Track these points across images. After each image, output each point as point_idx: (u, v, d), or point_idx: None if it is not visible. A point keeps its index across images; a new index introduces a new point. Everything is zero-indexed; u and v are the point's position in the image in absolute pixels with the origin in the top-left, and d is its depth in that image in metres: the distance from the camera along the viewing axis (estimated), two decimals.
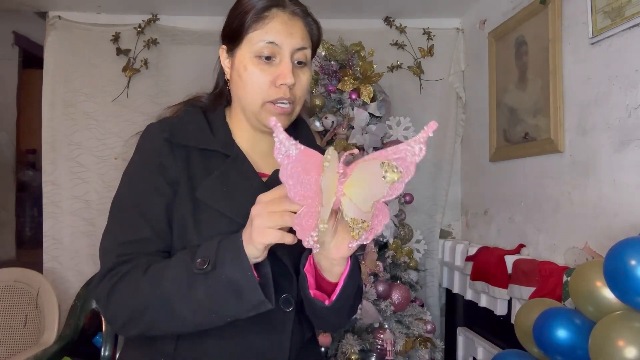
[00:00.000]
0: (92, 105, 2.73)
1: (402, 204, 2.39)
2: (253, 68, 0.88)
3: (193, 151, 0.89)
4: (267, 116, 0.87)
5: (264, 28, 0.87)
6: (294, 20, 0.90)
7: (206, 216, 0.85)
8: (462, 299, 2.58)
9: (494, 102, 2.45)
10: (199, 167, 0.88)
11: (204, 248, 0.77)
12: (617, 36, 1.63)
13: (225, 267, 0.73)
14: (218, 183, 0.87)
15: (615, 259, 1.24)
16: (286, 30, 0.88)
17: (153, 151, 0.88)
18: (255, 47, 0.87)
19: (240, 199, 0.85)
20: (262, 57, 0.87)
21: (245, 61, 0.89)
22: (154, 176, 0.86)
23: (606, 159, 1.68)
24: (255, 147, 0.96)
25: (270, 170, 0.94)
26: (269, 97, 0.88)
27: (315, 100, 2.32)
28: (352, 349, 1.96)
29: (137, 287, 0.78)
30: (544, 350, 1.44)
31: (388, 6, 2.74)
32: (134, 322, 0.80)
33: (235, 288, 0.73)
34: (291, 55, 0.88)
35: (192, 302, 0.75)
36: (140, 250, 0.84)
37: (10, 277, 2.36)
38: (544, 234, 2.04)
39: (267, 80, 0.87)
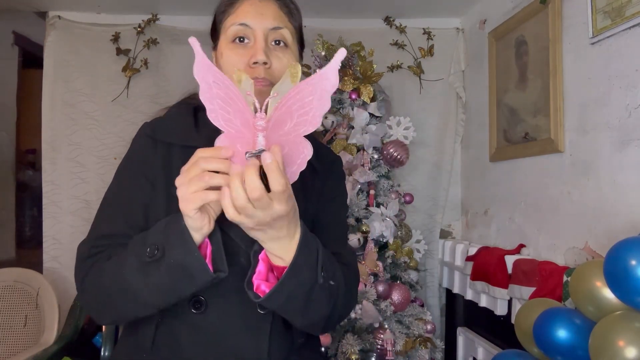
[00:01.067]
0: (92, 105, 2.73)
1: (402, 204, 2.39)
2: (228, 52, 0.88)
3: (175, 148, 0.89)
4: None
5: (235, 12, 0.88)
6: (265, 1, 0.89)
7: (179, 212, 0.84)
8: (462, 299, 2.58)
9: (494, 102, 2.44)
10: (179, 164, 0.85)
11: (154, 232, 0.77)
12: (617, 36, 1.63)
13: (173, 252, 0.73)
14: None
15: (616, 259, 1.24)
16: (256, 10, 0.88)
17: (137, 149, 0.91)
18: (228, 32, 0.88)
19: None
20: (236, 41, 0.88)
21: (222, 48, 0.90)
22: (136, 174, 0.89)
23: (606, 158, 1.68)
24: None
25: None
26: None
27: None
28: (352, 348, 1.96)
29: (101, 276, 0.81)
30: (544, 351, 1.44)
31: (388, 6, 2.74)
32: (104, 311, 0.83)
33: (185, 271, 0.73)
34: (265, 36, 0.87)
35: (150, 287, 0.76)
36: (112, 243, 0.85)
37: (10, 277, 2.36)
38: (544, 234, 2.03)
39: (243, 62, 0.87)
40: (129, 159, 0.92)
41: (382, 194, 2.28)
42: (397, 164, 2.32)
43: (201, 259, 0.73)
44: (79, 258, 0.87)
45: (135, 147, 0.92)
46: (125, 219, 0.87)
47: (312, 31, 2.66)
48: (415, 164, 2.80)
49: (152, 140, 0.89)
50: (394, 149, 2.28)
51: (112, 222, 0.87)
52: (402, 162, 2.31)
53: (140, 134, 0.92)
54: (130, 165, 0.91)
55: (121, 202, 0.88)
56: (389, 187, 2.29)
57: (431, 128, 2.88)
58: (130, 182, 0.89)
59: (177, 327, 0.84)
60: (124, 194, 0.89)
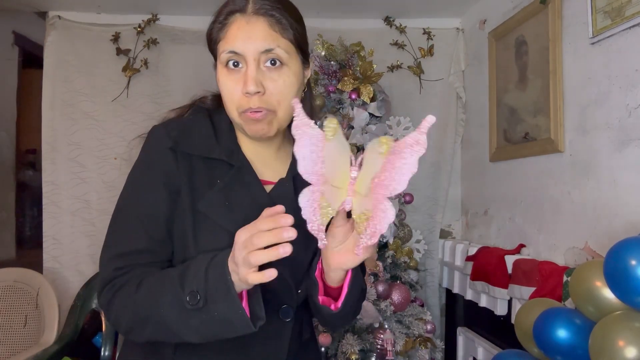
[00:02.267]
0: (92, 105, 2.73)
1: (402, 203, 2.39)
2: (224, 79, 0.85)
3: (197, 160, 0.86)
4: (247, 126, 0.85)
5: (225, 38, 0.84)
6: (254, 21, 0.83)
7: (206, 229, 0.84)
8: (462, 299, 2.58)
9: (494, 102, 2.44)
10: (202, 177, 0.86)
11: (192, 276, 0.75)
12: (617, 36, 1.63)
13: (216, 305, 0.73)
14: (221, 195, 0.85)
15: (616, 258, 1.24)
16: (244, 35, 0.82)
17: (157, 159, 0.86)
18: (221, 57, 0.85)
19: (242, 212, 0.84)
20: (230, 66, 0.84)
21: (219, 73, 0.86)
22: (157, 186, 0.85)
23: (606, 158, 1.68)
24: (258, 155, 0.92)
25: (276, 179, 0.91)
26: (241, 107, 0.84)
27: (315, 100, 2.32)
28: (352, 349, 1.96)
29: (134, 305, 0.79)
30: (544, 351, 1.44)
31: (388, 6, 2.74)
32: (135, 333, 0.81)
33: (227, 323, 0.74)
34: (256, 60, 0.82)
35: (189, 328, 0.76)
36: (137, 261, 0.83)
37: (10, 277, 2.36)
38: (544, 234, 2.03)
39: (239, 90, 0.83)
40: (148, 169, 0.87)
41: None
42: None
43: (245, 316, 0.73)
44: (104, 279, 0.84)
45: (154, 156, 0.87)
46: (148, 234, 0.84)
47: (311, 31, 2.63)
48: None
49: (172, 151, 0.85)
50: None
51: (135, 238, 0.84)
52: None
53: (158, 143, 0.86)
54: (148, 177, 0.86)
55: (142, 215, 0.84)
56: None
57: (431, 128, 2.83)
58: (151, 194, 0.85)
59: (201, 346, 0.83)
60: (145, 206, 0.85)
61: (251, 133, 0.86)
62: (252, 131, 0.86)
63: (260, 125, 0.84)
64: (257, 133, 0.86)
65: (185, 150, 0.86)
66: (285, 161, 0.94)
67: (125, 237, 0.85)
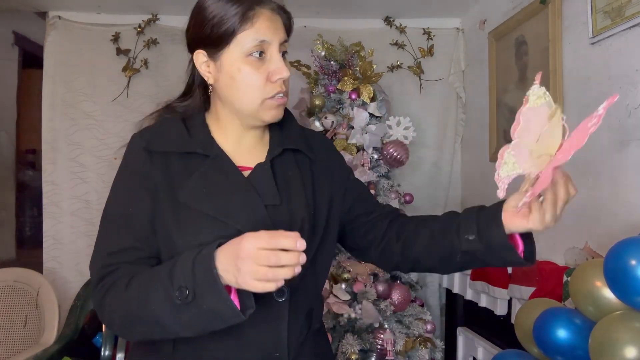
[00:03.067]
0: (92, 105, 2.73)
1: (402, 203, 2.39)
2: (248, 68, 0.88)
3: (172, 156, 0.90)
4: (267, 112, 0.91)
5: (252, 27, 0.87)
6: (275, 15, 0.90)
7: (188, 217, 0.87)
8: (462, 299, 2.58)
9: (494, 102, 2.44)
10: (179, 170, 0.89)
11: (180, 272, 0.76)
12: (617, 36, 1.63)
13: (205, 299, 0.75)
14: (198, 184, 0.88)
15: (616, 258, 1.24)
16: (273, 25, 0.89)
17: (132, 162, 0.91)
18: (246, 47, 0.87)
19: (222, 197, 0.88)
20: (254, 56, 0.88)
21: (238, 63, 0.88)
22: (135, 186, 0.89)
23: (606, 158, 1.68)
24: (241, 145, 0.96)
25: (254, 164, 0.95)
26: (268, 94, 0.89)
27: (315, 100, 2.32)
28: (352, 348, 1.96)
29: (126, 303, 0.81)
30: (544, 350, 1.44)
31: (388, 6, 2.74)
32: (128, 332, 0.83)
33: (218, 315, 0.76)
34: (279, 48, 0.90)
35: (182, 324, 0.78)
36: (125, 259, 0.86)
37: (10, 277, 2.36)
38: (543, 234, 2.02)
39: (263, 78, 0.88)
40: (126, 172, 0.92)
41: (382, 193, 2.28)
42: (397, 164, 2.32)
43: (234, 306, 0.74)
44: (94, 280, 0.86)
45: (130, 160, 0.92)
46: (132, 233, 0.87)
47: (312, 31, 2.65)
48: (415, 164, 2.80)
49: (147, 152, 0.90)
50: (394, 149, 2.28)
51: (119, 237, 0.87)
52: (402, 162, 2.31)
53: (134, 147, 0.92)
54: (128, 178, 0.91)
55: (125, 216, 0.88)
56: (388, 187, 2.29)
57: (431, 128, 2.88)
58: (131, 196, 0.89)
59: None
60: (127, 208, 0.89)
61: (270, 118, 0.92)
62: (272, 116, 0.92)
63: (280, 109, 0.93)
64: (276, 117, 0.92)
65: (158, 148, 0.90)
66: (264, 148, 0.98)
67: (111, 237, 0.88)
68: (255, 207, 0.89)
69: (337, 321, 2.05)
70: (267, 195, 0.90)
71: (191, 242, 0.84)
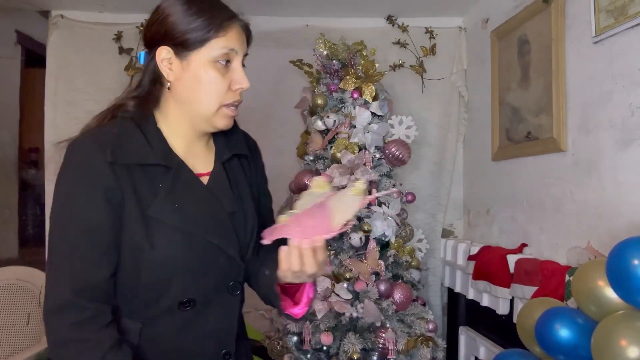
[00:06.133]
0: (94, 104, 2.73)
1: (404, 203, 2.38)
2: (214, 72, 0.93)
3: (134, 168, 0.90)
4: (220, 120, 0.96)
5: (225, 36, 0.93)
6: (243, 31, 0.98)
7: (160, 231, 0.90)
8: (464, 298, 2.58)
9: (496, 101, 2.44)
10: (144, 184, 0.91)
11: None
12: (620, 35, 1.62)
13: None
14: (167, 199, 0.91)
15: (618, 258, 1.24)
16: (241, 39, 0.96)
17: (93, 175, 0.88)
18: (216, 52, 0.93)
19: (189, 210, 0.92)
20: (222, 62, 0.93)
21: (206, 65, 0.93)
22: (97, 201, 0.87)
23: (609, 158, 1.68)
24: (191, 150, 0.99)
25: (207, 169, 1.00)
26: (226, 101, 0.95)
27: (317, 99, 2.32)
28: (353, 347, 1.96)
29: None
30: (546, 350, 1.44)
31: (390, 5, 2.74)
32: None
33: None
34: (242, 60, 0.98)
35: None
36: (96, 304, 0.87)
37: (13, 275, 2.37)
38: (546, 233, 2.03)
39: (225, 85, 0.94)
40: (85, 184, 0.88)
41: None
42: (399, 163, 2.31)
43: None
44: (55, 302, 0.85)
45: (90, 172, 0.88)
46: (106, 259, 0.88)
47: (313, 30, 2.65)
48: (417, 163, 2.80)
49: (109, 164, 0.87)
50: (396, 148, 2.27)
51: (93, 267, 0.87)
52: (404, 161, 2.31)
53: (94, 158, 0.88)
54: (88, 190, 0.88)
55: (88, 231, 0.87)
56: (390, 186, 2.29)
57: (433, 127, 2.88)
58: (92, 210, 0.87)
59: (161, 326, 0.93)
60: (89, 223, 0.87)
61: (222, 125, 0.97)
62: (224, 124, 0.97)
63: (231, 120, 0.98)
64: (228, 126, 0.98)
65: (122, 161, 0.89)
66: (211, 152, 1.03)
67: (83, 265, 0.87)
68: (219, 215, 0.96)
69: (338, 320, 2.05)
70: (226, 202, 0.98)
71: (162, 255, 0.89)
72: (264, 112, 2.76)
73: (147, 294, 0.91)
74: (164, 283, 0.91)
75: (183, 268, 0.91)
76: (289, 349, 2.10)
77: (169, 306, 0.92)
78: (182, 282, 0.92)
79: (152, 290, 0.91)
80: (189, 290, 0.93)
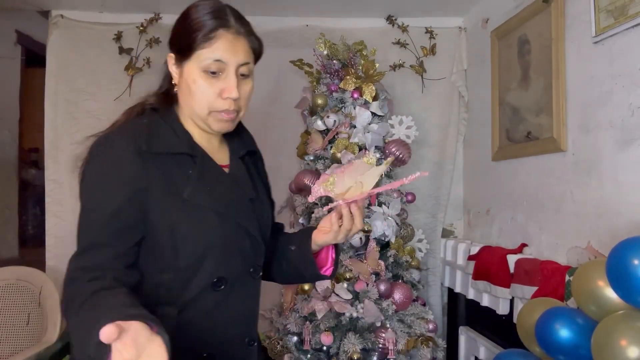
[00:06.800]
0: (94, 104, 2.73)
1: (404, 203, 2.38)
2: (201, 82, 0.97)
3: (165, 156, 0.97)
4: (215, 123, 1.00)
5: (211, 47, 0.96)
6: (238, 39, 0.98)
7: (195, 212, 0.96)
8: (464, 298, 2.58)
9: (496, 101, 2.44)
10: (175, 170, 0.97)
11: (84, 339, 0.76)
12: (620, 35, 1.62)
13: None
14: (200, 182, 0.97)
15: (618, 258, 1.24)
16: (231, 49, 0.97)
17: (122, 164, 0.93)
18: (203, 63, 0.96)
19: (218, 194, 1.00)
20: (209, 72, 0.96)
21: (194, 75, 0.97)
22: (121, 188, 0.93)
23: (609, 158, 1.68)
24: (208, 144, 1.06)
25: (226, 162, 1.08)
26: (216, 108, 0.98)
27: (317, 99, 2.32)
28: (353, 347, 1.96)
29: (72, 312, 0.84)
30: (546, 350, 1.44)
31: (390, 5, 2.74)
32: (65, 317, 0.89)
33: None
34: (236, 70, 0.98)
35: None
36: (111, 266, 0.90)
37: (13, 275, 2.37)
38: (546, 233, 2.03)
39: (214, 93, 0.97)
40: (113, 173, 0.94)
41: (384, 193, 2.28)
42: (399, 163, 2.31)
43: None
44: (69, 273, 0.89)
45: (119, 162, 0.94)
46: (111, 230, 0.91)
47: (314, 30, 2.65)
48: (418, 163, 2.79)
49: (137, 154, 0.93)
50: (396, 148, 2.27)
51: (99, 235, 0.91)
52: (404, 161, 2.31)
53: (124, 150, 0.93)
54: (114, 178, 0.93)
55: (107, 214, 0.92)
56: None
57: (433, 127, 2.88)
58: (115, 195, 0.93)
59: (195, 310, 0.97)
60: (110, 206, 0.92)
61: (217, 129, 1.01)
62: (219, 127, 1.01)
63: (228, 123, 1.01)
64: (222, 129, 1.02)
65: (156, 150, 0.96)
66: (225, 148, 1.10)
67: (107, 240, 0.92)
68: (242, 200, 1.04)
69: (338, 320, 2.05)
70: (247, 189, 1.06)
71: (199, 233, 0.96)
72: (264, 112, 2.76)
73: (184, 273, 0.96)
74: (199, 261, 0.97)
75: (216, 246, 0.97)
76: (289, 349, 2.10)
77: (202, 286, 0.97)
78: (214, 260, 0.98)
79: (187, 269, 0.96)
80: (221, 269, 0.98)
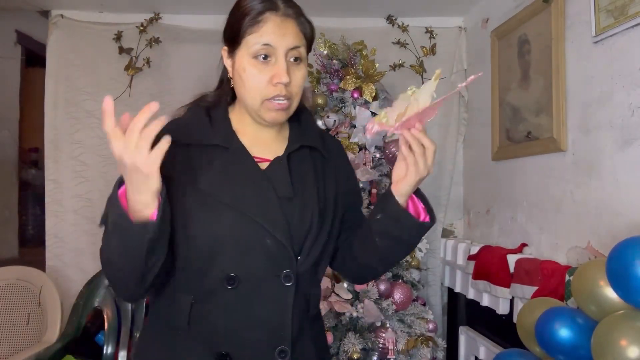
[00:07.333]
0: (94, 104, 2.73)
1: None
2: (251, 69, 0.94)
3: (194, 148, 0.96)
4: (267, 113, 0.96)
5: (258, 31, 0.93)
6: (287, 21, 0.95)
7: (209, 204, 0.94)
8: (464, 298, 2.58)
9: (496, 101, 2.44)
10: (201, 161, 0.96)
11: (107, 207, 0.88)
12: (620, 35, 1.62)
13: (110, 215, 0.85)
14: (219, 174, 0.95)
15: (618, 258, 1.24)
16: (279, 31, 0.94)
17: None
18: (251, 49, 0.94)
19: (238, 188, 0.95)
20: (259, 58, 0.94)
21: (244, 63, 0.95)
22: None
23: (609, 158, 1.68)
24: (259, 138, 1.02)
25: (273, 157, 1.01)
26: (267, 95, 0.95)
27: (317, 99, 2.32)
28: (353, 347, 1.96)
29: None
30: (546, 350, 1.44)
31: (390, 5, 2.74)
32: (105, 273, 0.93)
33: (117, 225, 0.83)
34: (285, 54, 0.94)
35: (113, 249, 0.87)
36: None
37: (13, 275, 2.37)
38: (546, 233, 2.03)
39: (265, 80, 0.94)
40: None
41: None
42: None
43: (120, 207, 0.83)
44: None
45: None
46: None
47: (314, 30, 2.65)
48: None
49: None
50: (396, 148, 2.27)
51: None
52: None
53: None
54: None
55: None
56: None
57: (433, 127, 2.88)
58: None
59: (211, 303, 0.94)
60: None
61: (270, 119, 0.97)
62: (272, 118, 0.97)
63: (280, 113, 0.96)
64: (275, 120, 0.98)
65: (181, 140, 0.93)
66: (283, 142, 1.05)
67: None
68: (268, 198, 0.96)
69: (339, 320, 2.05)
70: (281, 188, 0.98)
71: (209, 226, 0.93)
72: None
73: (196, 264, 0.95)
74: (211, 255, 0.94)
75: (227, 242, 0.94)
76: None
77: (216, 281, 0.94)
78: (227, 256, 0.94)
79: (199, 260, 0.95)
80: (234, 267, 0.94)
